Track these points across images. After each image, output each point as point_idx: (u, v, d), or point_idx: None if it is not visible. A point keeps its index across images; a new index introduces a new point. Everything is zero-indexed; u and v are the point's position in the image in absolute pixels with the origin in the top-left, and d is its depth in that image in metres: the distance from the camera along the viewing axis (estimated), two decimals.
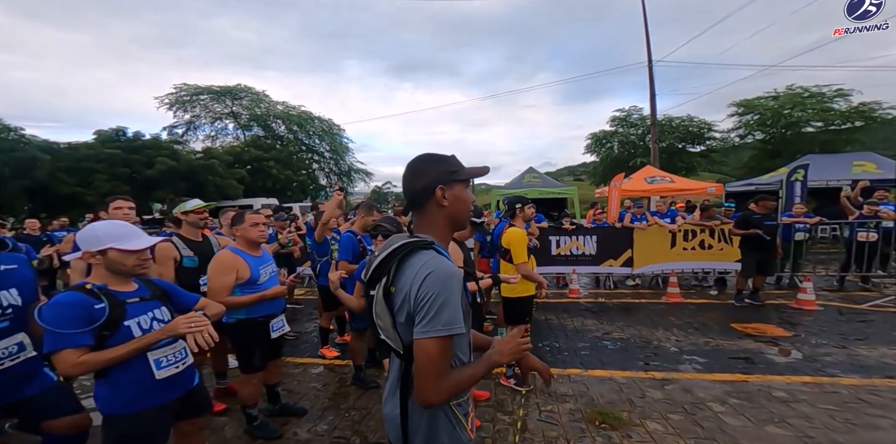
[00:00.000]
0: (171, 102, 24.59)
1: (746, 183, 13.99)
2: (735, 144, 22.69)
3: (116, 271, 1.56)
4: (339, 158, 29.08)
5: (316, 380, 3.48)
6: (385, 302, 0.98)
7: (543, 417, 2.76)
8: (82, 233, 1.58)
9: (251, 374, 2.51)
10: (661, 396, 2.97)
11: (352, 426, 2.70)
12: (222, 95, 25.36)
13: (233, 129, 26.92)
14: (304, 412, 2.86)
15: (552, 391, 3.11)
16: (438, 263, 0.94)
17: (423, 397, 0.93)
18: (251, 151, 22.76)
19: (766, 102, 20.08)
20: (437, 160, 1.07)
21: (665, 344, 4.09)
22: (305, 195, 26.00)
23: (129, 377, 1.51)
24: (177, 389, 1.65)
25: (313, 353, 4.08)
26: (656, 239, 6.61)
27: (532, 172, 13.47)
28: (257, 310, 2.43)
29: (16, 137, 14.87)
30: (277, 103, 27.00)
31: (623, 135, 23.25)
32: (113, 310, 1.48)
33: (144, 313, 1.59)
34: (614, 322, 4.88)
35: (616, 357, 3.78)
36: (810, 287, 5.36)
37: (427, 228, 1.07)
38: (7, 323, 1.66)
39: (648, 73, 14.31)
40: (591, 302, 5.94)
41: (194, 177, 17.24)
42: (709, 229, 6.50)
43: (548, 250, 6.65)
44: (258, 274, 2.43)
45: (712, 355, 3.78)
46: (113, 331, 1.48)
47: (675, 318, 4.98)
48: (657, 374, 3.36)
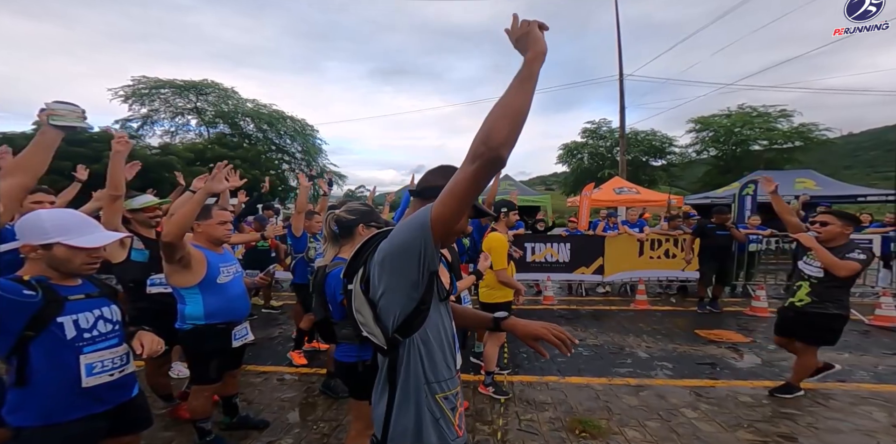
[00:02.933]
0: (127, 95, 22.86)
1: (703, 196, 14.93)
2: (692, 160, 24.27)
3: (60, 269, 1.36)
4: (311, 159, 28.11)
5: (280, 390, 3.25)
6: (364, 294, 0.97)
7: (523, 426, 2.71)
8: (24, 221, 1.36)
9: (204, 385, 2.28)
10: (637, 402, 3.01)
11: (320, 439, 2.53)
12: (186, 90, 23.91)
13: (196, 125, 25.41)
14: (266, 424, 2.65)
15: (531, 400, 3.07)
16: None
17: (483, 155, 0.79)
18: (215, 149, 21.51)
19: (720, 120, 21.68)
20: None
21: (636, 350, 4.19)
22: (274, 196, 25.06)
23: (47, 382, 1.31)
24: (112, 399, 1.45)
25: (277, 361, 3.82)
26: (626, 247, 6.84)
27: (508, 179, 13.71)
28: (216, 315, 2.21)
29: None
30: (247, 101, 25.87)
31: (593, 147, 24.24)
32: (48, 306, 1.29)
33: (87, 310, 1.41)
34: (588, 329, 4.95)
35: (592, 364, 3.81)
36: (763, 295, 5.72)
37: None
38: None
39: (619, 86, 14.99)
40: (565, 309, 6.02)
41: (148, 173, 16.15)
42: (673, 238, 6.81)
43: (523, 257, 6.71)
44: (217, 272, 2.23)
45: (681, 360, 3.90)
46: (37, 332, 1.28)
47: (644, 324, 5.13)
48: (632, 380, 3.41)
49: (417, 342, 0.95)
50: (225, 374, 2.38)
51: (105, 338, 1.44)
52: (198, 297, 2.18)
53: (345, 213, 1.85)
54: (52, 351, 1.31)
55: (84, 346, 1.37)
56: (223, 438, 2.42)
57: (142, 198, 2.62)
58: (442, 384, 0.98)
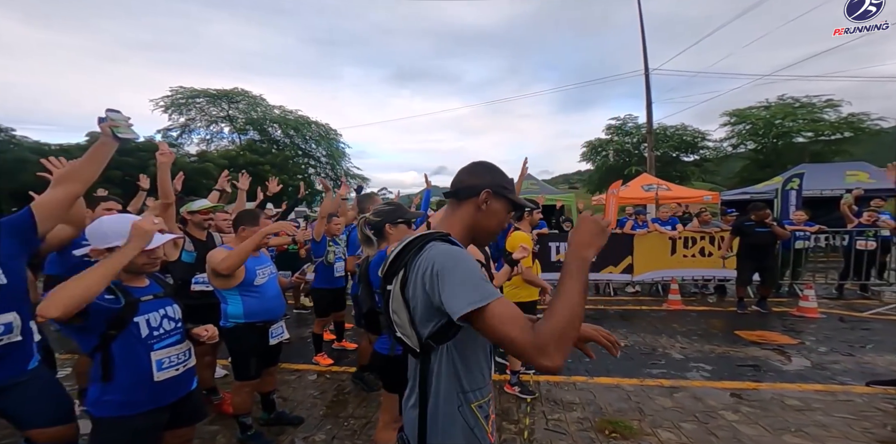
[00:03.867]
0: (167, 105, 24.26)
1: (741, 192, 14.14)
2: (727, 154, 23.06)
3: (126, 269, 1.46)
4: (335, 163, 28.74)
5: (312, 387, 3.34)
6: (402, 296, 0.93)
7: (550, 426, 2.65)
8: (90, 228, 1.50)
9: (245, 382, 2.39)
10: (672, 404, 2.88)
11: (351, 435, 2.57)
12: (219, 99, 25.06)
13: (228, 132, 26.54)
14: (301, 421, 2.73)
15: (558, 399, 3.01)
16: (447, 247, 0.91)
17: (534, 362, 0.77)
18: (247, 156, 22.53)
19: (758, 113, 20.48)
20: (498, 172, 1.08)
21: (670, 351, 4.01)
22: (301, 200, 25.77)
23: (127, 377, 1.43)
24: (174, 393, 1.56)
25: (309, 359, 3.93)
26: (656, 246, 6.58)
27: (530, 178, 13.52)
28: (255, 314, 2.33)
29: (5, 138, 14.54)
30: (274, 107, 26.69)
31: (618, 143, 23.54)
32: (127, 307, 1.42)
33: (155, 310, 1.53)
34: (616, 329, 4.79)
35: (621, 365, 3.68)
36: (812, 295, 5.34)
37: (452, 223, 1.05)
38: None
39: (645, 81, 14.53)
40: (591, 309, 5.86)
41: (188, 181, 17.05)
42: (708, 236, 6.49)
43: (548, 257, 6.59)
44: (254, 275, 2.33)
45: (719, 362, 3.70)
46: (118, 331, 1.41)
47: (677, 325, 4.91)
48: (665, 382, 3.27)
49: (452, 350, 0.92)
50: (263, 371, 2.48)
51: (170, 335, 1.56)
52: (237, 298, 2.29)
53: (372, 216, 1.91)
54: (129, 348, 1.44)
55: (154, 343, 1.49)
56: (262, 433, 2.51)
57: (199, 202, 2.85)
58: (476, 392, 0.96)
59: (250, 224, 2.36)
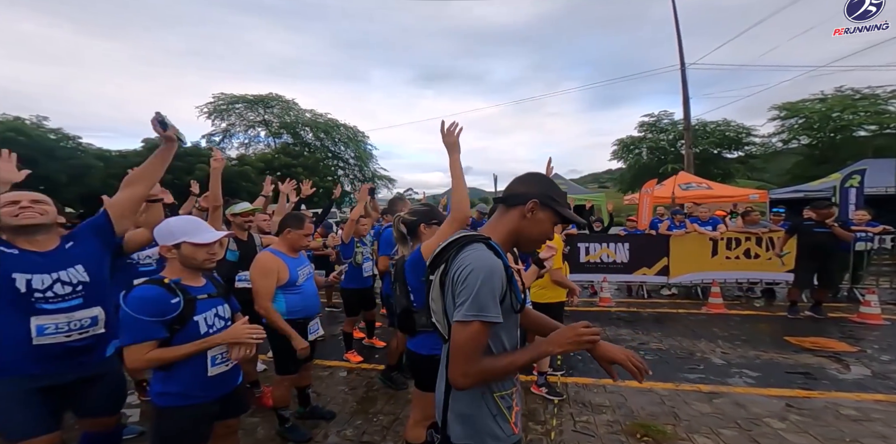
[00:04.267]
0: (210, 111, 25.73)
1: (794, 190, 13.11)
2: (777, 150, 21.49)
3: (189, 265, 1.60)
4: (363, 164, 29.41)
5: (343, 383, 3.43)
6: (440, 288, 1.03)
7: (579, 428, 2.60)
8: (158, 228, 1.63)
9: (285, 376, 2.50)
10: (710, 409, 2.74)
11: (380, 431, 2.61)
12: (255, 104, 26.33)
13: (264, 136, 27.74)
14: (333, 415, 2.81)
15: (587, 402, 2.93)
16: (482, 255, 0.97)
17: (452, 379, 0.96)
18: (281, 158, 23.48)
19: (812, 106, 18.97)
20: (550, 185, 1.12)
21: (710, 356, 3.80)
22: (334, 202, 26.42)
23: (185, 371, 1.54)
24: (223, 386, 1.66)
25: (340, 356, 4.05)
26: (695, 247, 6.25)
27: (558, 178, 13.26)
28: (296, 312, 2.41)
29: (73, 146, 15.75)
30: (305, 111, 27.63)
31: (652, 141, 22.61)
32: (186, 305, 1.52)
33: (210, 309, 1.62)
34: (650, 332, 4.60)
35: (655, 368, 3.53)
36: (875, 300, 4.87)
37: (497, 228, 1.10)
38: (80, 300, 1.65)
39: (681, 76, 13.88)
40: (624, 311, 5.65)
41: (229, 184, 17.84)
42: (755, 237, 6.08)
43: (576, 257, 6.44)
44: (297, 275, 2.42)
45: (766, 368, 3.46)
46: (183, 326, 1.51)
47: (718, 329, 4.64)
48: (703, 387, 3.11)
49: None
50: (301, 366, 2.57)
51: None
52: (280, 296, 2.38)
53: (408, 215, 1.98)
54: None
55: None
56: (298, 426, 2.59)
57: (241, 205, 3.05)
58: (499, 383, 1.02)
59: (296, 227, 2.45)
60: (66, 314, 1.57)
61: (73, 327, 1.60)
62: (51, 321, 1.54)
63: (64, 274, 1.59)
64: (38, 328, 1.52)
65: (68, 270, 1.60)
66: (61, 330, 1.56)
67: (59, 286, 1.57)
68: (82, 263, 1.65)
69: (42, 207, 1.60)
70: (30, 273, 1.52)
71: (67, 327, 1.58)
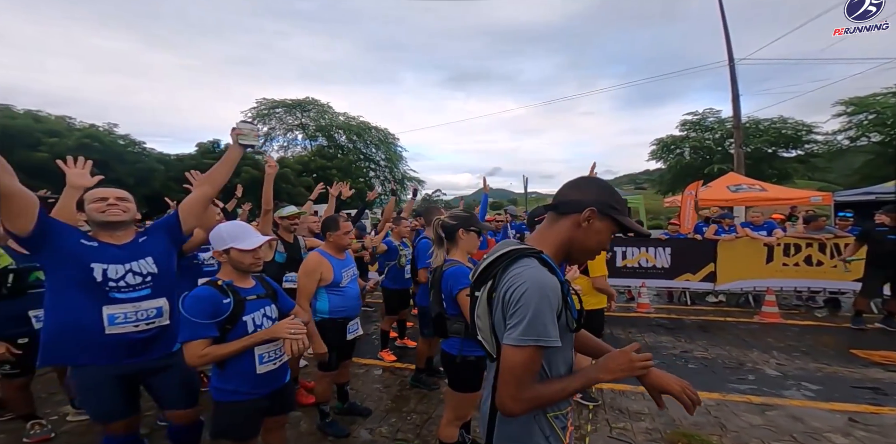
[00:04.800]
0: (253, 116, 26.92)
1: (863, 191, 11.84)
2: (843, 148, 19.56)
3: (238, 268, 1.69)
4: (393, 166, 29.76)
5: (378, 381, 3.50)
6: (487, 305, 0.97)
7: (615, 434, 2.51)
8: (213, 234, 1.72)
9: (326, 373, 2.58)
10: (762, 422, 2.56)
11: (413, 429, 2.65)
12: (293, 108, 27.46)
13: (301, 139, 28.73)
14: (369, 412, 2.87)
15: (624, 408, 2.83)
16: (536, 273, 0.90)
17: (500, 403, 0.91)
18: (317, 161, 24.24)
19: (884, 100, 17.15)
20: (608, 191, 1.02)
21: (763, 367, 3.54)
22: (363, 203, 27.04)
23: (237, 368, 1.63)
24: (272, 384, 1.74)
25: (374, 355, 4.15)
26: (747, 253, 5.84)
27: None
28: (338, 311, 2.50)
29: (139, 151, 16.99)
30: (339, 114, 28.46)
31: (696, 140, 21.32)
32: (236, 306, 1.61)
33: (258, 309, 1.71)
34: (694, 340, 4.35)
35: (699, 377, 3.34)
36: None
37: (546, 238, 1.02)
38: (148, 290, 1.74)
39: (730, 73, 13.10)
40: (664, 318, 5.38)
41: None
42: (817, 243, 5.59)
43: (613, 261, 6.22)
44: (341, 277, 2.52)
45: (828, 382, 3.18)
46: (233, 325, 1.61)
47: (773, 339, 4.30)
48: (755, 398, 2.90)
49: None
50: (340, 363, 2.67)
51: None
52: (325, 295, 2.49)
53: (448, 219, 1.99)
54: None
55: None
56: (337, 421, 2.66)
57: (288, 208, 3.21)
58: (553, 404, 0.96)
59: (334, 228, 2.58)
60: (133, 304, 1.68)
61: (140, 317, 1.69)
62: (120, 311, 1.65)
63: (135, 265, 1.71)
64: (110, 318, 1.63)
65: (139, 261, 1.73)
66: (129, 320, 1.67)
67: (131, 276, 1.69)
68: (152, 255, 1.78)
69: (125, 205, 1.74)
70: (106, 263, 1.64)
71: (135, 318, 1.68)
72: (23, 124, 13.03)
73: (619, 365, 0.93)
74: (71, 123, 15.37)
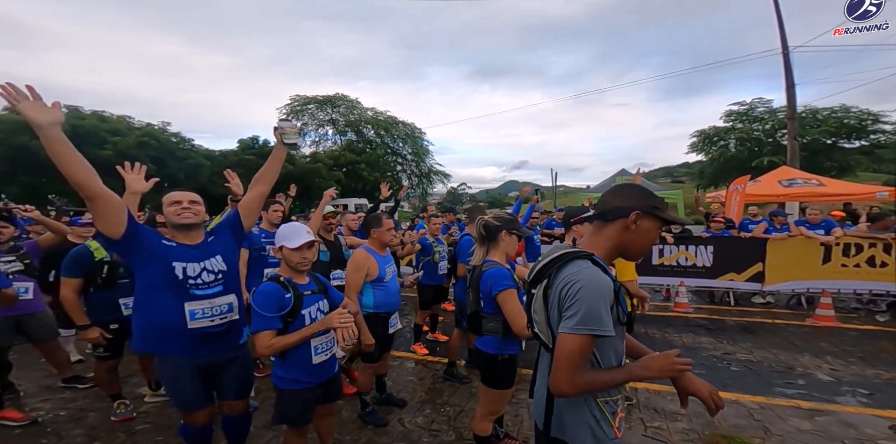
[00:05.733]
0: (287, 112, 28.15)
1: None
2: None
3: (290, 265, 1.83)
4: (419, 160, 30.17)
5: (412, 374, 3.57)
6: (543, 301, 1.08)
7: (649, 433, 2.49)
8: (277, 233, 1.89)
9: (369, 364, 2.70)
10: (810, 427, 2.45)
11: (447, 421, 2.71)
12: (324, 104, 28.43)
13: (332, 134, 29.68)
14: (405, 403, 2.96)
15: (659, 408, 2.79)
16: (591, 271, 1.00)
17: (554, 386, 1.00)
18: (347, 155, 24.91)
19: None
20: (645, 193, 1.12)
21: (814, 372, 3.34)
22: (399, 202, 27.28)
23: (296, 359, 1.77)
24: (325, 374, 1.87)
25: (407, 348, 4.25)
26: (801, 252, 5.47)
27: (625, 173, 12.26)
28: (381, 306, 2.60)
29: (188, 147, 17.84)
30: (367, 109, 29.12)
31: (743, 131, 19.95)
32: (296, 300, 1.74)
33: (313, 303, 1.84)
34: (737, 342, 4.16)
35: (742, 380, 3.22)
36: None
37: (596, 242, 1.11)
38: (220, 287, 1.85)
39: (783, 61, 12.15)
40: (704, 318, 5.15)
41: (303, 180, 18.66)
42: (882, 243, 5.14)
43: (649, 259, 6.01)
44: (385, 272, 2.63)
45: (888, 389, 2.97)
46: (293, 318, 1.74)
47: (828, 344, 4.03)
48: (803, 403, 2.77)
49: None
50: (381, 356, 2.74)
51: None
52: (369, 291, 2.58)
53: (492, 219, 2.00)
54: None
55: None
56: (376, 410, 2.77)
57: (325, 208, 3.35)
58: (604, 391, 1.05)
59: (377, 225, 2.68)
60: (209, 300, 1.79)
61: (215, 312, 1.81)
62: (199, 307, 1.76)
63: (208, 263, 1.82)
64: (191, 313, 1.74)
65: (211, 259, 1.84)
66: (206, 315, 1.78)
67: (206, 274, 1.80)
68: (221, 253, 1.89)
69: (196, 208, 1.86)
70: (185, 262, 1.76)
71: (211, 313, 1.79)
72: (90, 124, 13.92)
73: (661, 366, 1.02)
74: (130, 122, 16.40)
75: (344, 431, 2.57)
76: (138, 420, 2.73)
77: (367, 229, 2.74)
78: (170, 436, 2.50)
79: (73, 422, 2.71)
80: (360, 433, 2.58)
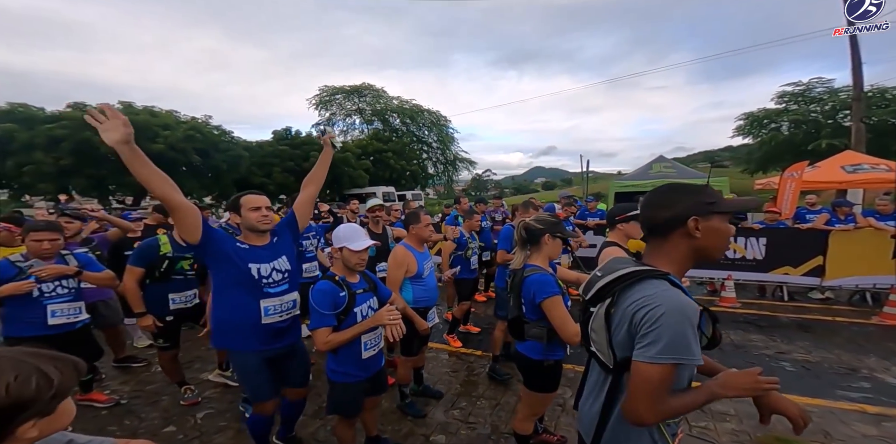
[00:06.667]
0: (316, 103, 28.91)
1: None
2: None
3: (347, 265, 1.91)
4: (445, 148, 30.20)
5: (447, 366, 3.59)
6: (605, 321, 1.01)
7: (695, 433, 2.40)
8: (334, 233, 1.96)
9: (409, 357, 2.75)
10: (877, 432, 2.28)
11: (483, 414, 2.74)
12: (351, 94, 28.85)
13: (359, 123, 30.26)
14: (441, 395, 3.00)
15: (706, 408, 2.66)
16: (672, 294, 0.92)
17: (634, 416, 0.93)
18: (374, 144, 25.18)
19: None
20: (689, 191, 1.03)
21: (882, 375, 3.09)
22: (416, 184, 27.30)
23: (347, 354, 1.86)
24: (372, 367, 1.96)
25: (440, 340, 4.26)
26: (868, 246, 5.00)
27: (662, 160, 11.25)
28: (420, 301, 2.64)
29: (228, 139, 18.44)
30: (393, 98, 29.34)
31: (799, 113, 18.29)
32: (350, 298, 1.83)
33: (365, 301, 1.92)
34: (793, 341, 3.89)
35: (799, 382, 3.02)
36: None
37: (662, 257, 1.03)
38: (287, 285, 1.97)
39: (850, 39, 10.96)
40: (755, 314, 4.83)
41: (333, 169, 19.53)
42: None
43: None
44: (423, 268, 2.64)
45: None
46: (346, 315, 1.82)
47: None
48: (870, 407, 2.57)
49: None
50: (420, 349, 2.81)
51: None
52: (409, 286, 2.62)
53: (534, 222, 1.92)
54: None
55: None
56: (415, 402, 2.83)
57: (371, 201, 3.45)
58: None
59: (415, 222, 2.73)
60: (279, 298, 1.92)
61: (283, 308, 1.94)
62: (271, 304, 1.89)
63: (277, 263, 1.95)
64: (265, 310, 1.87)
65: (279, 259, 1.97)
66: (276, 311, 1.91)
67: (275, 274, 1.93)
68: (285, 254, 2.01)
69: (271, 215, 1.98)
70: (258, 263, 1.88)
71: (280, 309, 1.93)
72: (142, 120, 14.50)
73: (743, 384, 0.94)
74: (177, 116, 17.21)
75: (385, 421, 2.65)
76: (203, 405, 2.94)
77: (405, 225, 2.79)
78: (231, 420, 2.70)
79: (150, 405, 2.95)
80: (401, 423, 2.65)
